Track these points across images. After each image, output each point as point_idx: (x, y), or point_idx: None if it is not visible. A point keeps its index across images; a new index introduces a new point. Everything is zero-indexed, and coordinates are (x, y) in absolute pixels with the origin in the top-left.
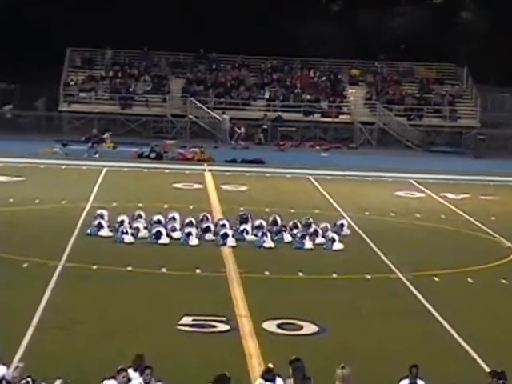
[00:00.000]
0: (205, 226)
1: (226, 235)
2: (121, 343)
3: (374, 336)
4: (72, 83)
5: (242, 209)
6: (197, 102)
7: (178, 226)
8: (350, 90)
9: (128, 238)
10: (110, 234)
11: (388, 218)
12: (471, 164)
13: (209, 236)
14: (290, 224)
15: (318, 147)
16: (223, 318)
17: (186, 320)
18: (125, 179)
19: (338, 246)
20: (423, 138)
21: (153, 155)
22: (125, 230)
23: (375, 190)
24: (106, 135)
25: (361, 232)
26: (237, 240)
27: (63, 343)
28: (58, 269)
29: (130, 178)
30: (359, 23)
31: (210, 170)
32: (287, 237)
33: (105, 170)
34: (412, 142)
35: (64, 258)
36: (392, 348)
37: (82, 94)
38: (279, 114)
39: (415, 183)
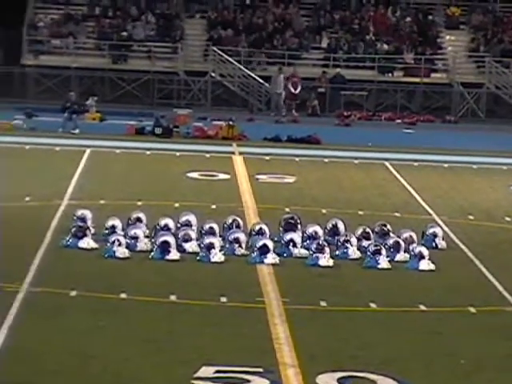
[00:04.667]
0: (234, 235)
1: (264, 248)
2: None
3: None
4: (41, 25)
5: (287, 210)
6: (222, 54)
7: (193, 235)
8: (448, 37)
9: (122, 252)
10: (96, 245)
11: (502, 225)
12: None
13: (239, 250)
14: (359, 233)
15: (399, 120)
16: (259, 369)
17: (206, 371)
18: (117, 166)
19: (427, 265)
20: None
21: (158, 131)
22: (117, 240)
23: (483, 184)
24: (89, 101)
25: (461, 245)
26: (280, 255)
27: None
28: (19, 296)
29: (124, 163)
30: None
31: (241, 153)
32: (354, 251)
33: (88, 151)
34: None
35: (28, 280)
36: None
37: (55, 42)
38: (339, 71)
39: None
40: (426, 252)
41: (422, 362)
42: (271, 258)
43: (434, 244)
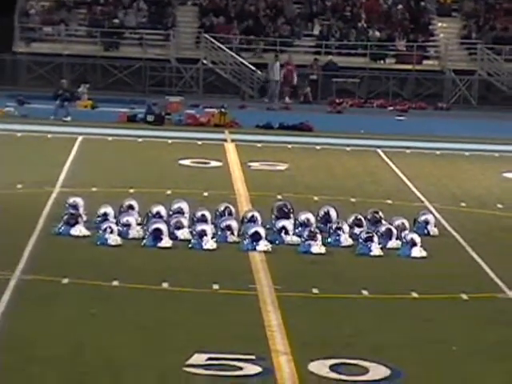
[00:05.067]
0: (226, 222)
1: (256, 236)
2: None
3: None
4: (32, 12)
5: (279, 197)
6: (215, 41)
7: (185, 222)
8: (440, 24)
9: (114, 239)
10: (88, 232)
11: (494, 212)
12: None
13: (231, 237)
14: (351, 220)
15: (391, 107)
16: (252, 357)
17: (198, 359)
18: (109, 153)
19: (419, 252)
20: None
21: (150, 118)
22: (109, 228)
23: (475, 171)
24: (81, 89)
25: (453, 232)
26: (272, 242)
27: None
28: (11, 283)
29: (116, 151)
30: None
31: (233, 140)
32: (346, 238)
33: (80, 138)
34: None
35: (20, 267)
36: None
37: (47, 29)
38: (332, 58)
39: None
40: (418, 239)
41: (414, 348)
42: (263, 245)
43: (425, 231)
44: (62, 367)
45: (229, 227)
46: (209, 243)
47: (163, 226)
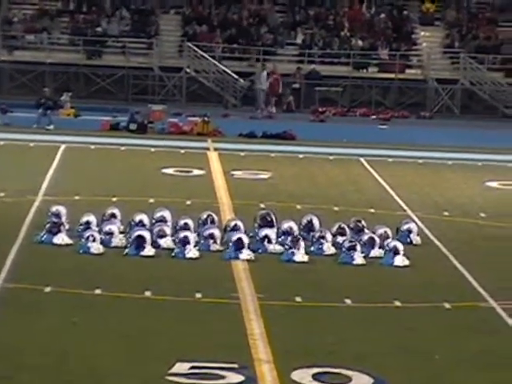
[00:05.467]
0: (208, 231)
1: (239, 243)
2: None
3: None
4: (15, 20)
5: (262, 206)
6: (197, 50)
7: (168, 231)
8: (422, 33)
9: (96, 248)
10: (70, 241)
11: (477, 221)
12: None
13: (214, 246)
14: (334, 229)
15: (373, 116)
16: (234, 365)
17: (181, 367)
18: (91, 161)
19: (402, 260)
20: None
21: (133, 126)
22: (91, 236)
23: (458, 180)
24: (64, 97)
25: (436, 241)
26: (255, 251)
27: None
28: None
29: (98, 159)
30: None
31: (216, 149)
32: (329, 247)
33: (62, 147)
34: None
35: (2, 276)
36: None
37: (30, 37)
38: (315, 67)
39: None
40: (401, 247)
41: (396, 357)
42: (246, 254)
43: (408, 240)
44: (46, 375)
45: (212, 236)
46: (191, 252)
47: (146, 234)
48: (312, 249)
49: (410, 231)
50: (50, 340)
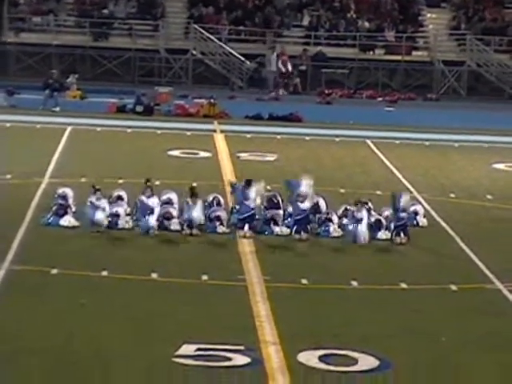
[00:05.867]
0: (215, 213)
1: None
2: (91, 381)
3: (461, 378)
4: (21, 2)
5: (268, 188)
6: (204, 32)
7: (175, 213)
8: (429, 15)
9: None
10: (77, 223)
11: (483, 203)
12: None
13: (220, 227)
14: (340, 211)
15: (380, 98)
16: (241, 347)
17: (187, 349)
18: (98, 143)
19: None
20: None
21: (139, 109)
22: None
23: (464, 162)
24: (70, 79)
25: (443, 223)
26: (261, 233)
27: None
28: (0, 274)
29: (105, 141)
30: None
31: (222, 131)
32: (335, 229)
33: (69, 129)
34: None
35: (9, 258)
36: None
37: (36, 19)
38: (321, 48)
39: None
40: (406, 230)
41: (402, 339)
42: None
43: (415, 222)
44: (52, 357)
45: (218, 218)
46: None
47: (152, 217)
48: (318, 231)
49: (416, 213)
50: (56, 322)
